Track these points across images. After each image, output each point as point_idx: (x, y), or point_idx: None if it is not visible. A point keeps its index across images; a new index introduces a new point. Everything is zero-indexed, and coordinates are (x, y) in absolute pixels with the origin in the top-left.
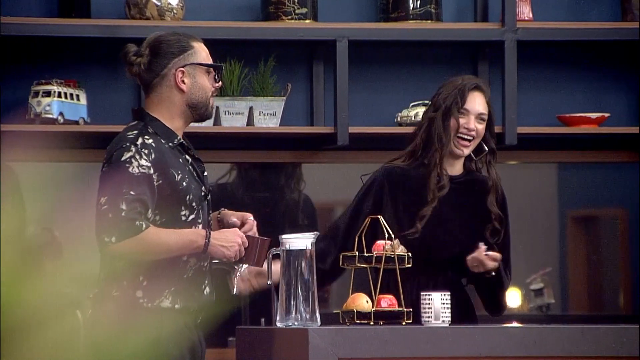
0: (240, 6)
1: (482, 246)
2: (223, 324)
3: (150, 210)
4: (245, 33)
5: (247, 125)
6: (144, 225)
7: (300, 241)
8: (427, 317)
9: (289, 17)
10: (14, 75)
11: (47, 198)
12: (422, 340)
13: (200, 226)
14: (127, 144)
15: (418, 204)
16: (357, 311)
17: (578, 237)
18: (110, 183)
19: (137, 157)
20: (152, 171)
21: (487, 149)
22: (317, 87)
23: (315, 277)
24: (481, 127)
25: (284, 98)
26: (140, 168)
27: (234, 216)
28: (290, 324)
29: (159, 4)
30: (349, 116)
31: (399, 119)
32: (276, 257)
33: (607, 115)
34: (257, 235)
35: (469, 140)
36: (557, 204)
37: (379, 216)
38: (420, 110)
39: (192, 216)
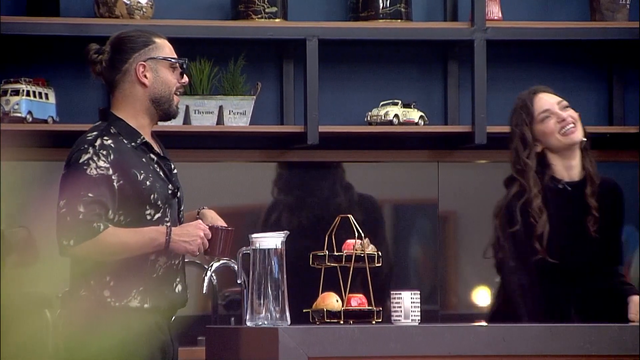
0: (210, 5)
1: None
2: (193, 323)
3: (110, 211)
4: (215, 32)
5: (217, 124)
6: (102, 227)
7: (270, 240)
8: (396, 316)
9: (259, 16)
10: None
11: (16, 197)
12: (391, 339)
13: (169, 224)
14: (85, 146)
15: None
16: (327, 310)
17: None
18: (69, 186)
19: (95, 158)
20: (110, 172)
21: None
22: (287, 86)
23: (285, 276)
24: (572, 112)
25: (254, 97)
26: (98, 170)
27: (209, 219)
28: (260, 323)
29: (128, 2)
30: (319, 115)
31: (369, 118)
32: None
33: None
34: (221, 225)
35: (571, 127)
36: None
37: (349, 215)
38: (390, 109)
39: (158, 215)
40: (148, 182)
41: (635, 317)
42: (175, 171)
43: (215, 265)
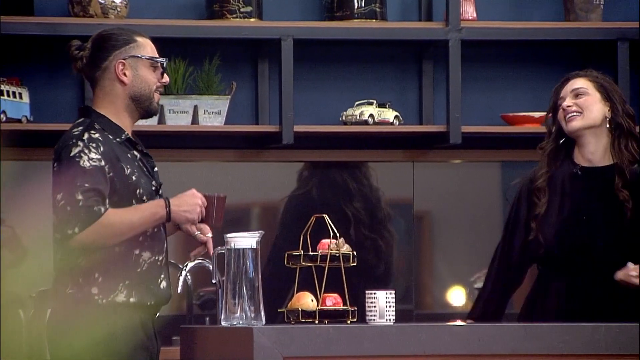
0: (185, 4)
1: (630, 265)
2: (167, 323)
3: (107, 199)
4: (190, 31)
5: (192, 123)
6: (102, 209)
7: (245, 240)
8: (371, 315)
9: (234, 15)
10: None
11: None
12: (366, 338)
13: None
14: (74, 140)
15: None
16: (301, 310)
17: None
18: (63, 179)
19: (86, 151)
20: (103, 163)
21: (614, 127)
22: (262, 86)
23: (260, 276)
24: (582, 100)
25: (229, 97)
26: (91, 161)
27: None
28: (235, 322)
29: (102, 1)
30: (294, 115)
31: (344, 118)
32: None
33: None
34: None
35: (574, 115)
36: (500, 202)
37: (324, 215)
38: (365, 109)
39: (162, 199)
40: (134, 177)
41: (633, 278)
42: (156, 169)
43: (190, 265)
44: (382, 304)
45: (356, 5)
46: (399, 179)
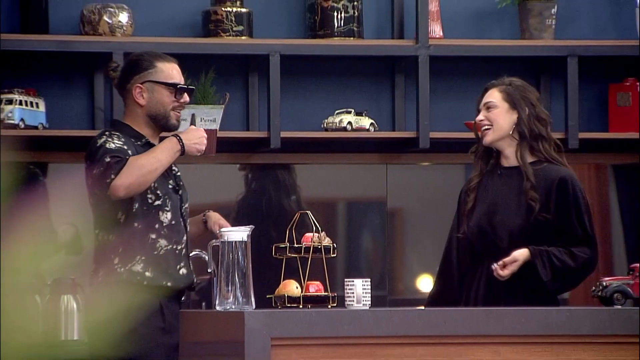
0: (184, 24)
1: (494, 265)
2: None
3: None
4: (188, 48)
5: None
6: (127, 157)
7: (237, 234)
8: (349, 301)
9: (227, 33)
10: None
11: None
12: (345, 321)
13: (169, 214)
14: (97, 138)
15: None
16: (287, 296)
17: None
18: (94, 158)
19: (110, 139)
20: (126, 147)
21: (519, 133)
22: (252, 96)
23: (250, 266)
24: (491, 113)
25: (223, 106)
26: (115, 144)
27: (217, 224)
28: (228, 307)
29: (110, 21)
30: (280, 122)
31: (325, 125)
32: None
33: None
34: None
35: (486, 130)
36: None
37: (307, 211)
38: (344, 117)
39: (158, 202)
40: None
41: (503, 270)
42: (178, 173)
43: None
44: (359, 290)
45: (336, 24)
46: (374, 179)
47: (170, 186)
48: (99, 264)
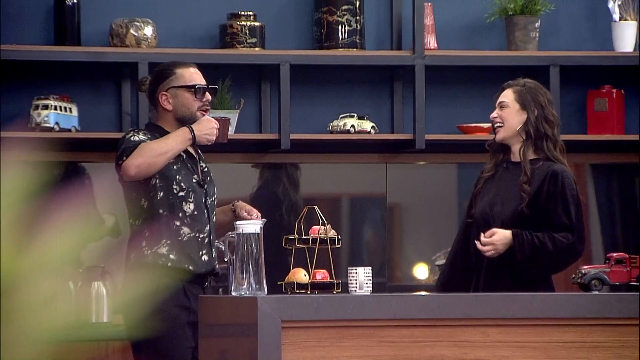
0: (203, 36)
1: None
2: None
3: None
4: (207, 58)
5: None
6: (141, 142)
7: (251, 226)
8: (352, 287)
9: (242, 45)
10: (19, 91)
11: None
12: (349, 306)
13: (192, 205)
14: (126, 133)
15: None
16: (296, 283)
17: None
18: (118, 148)
19: (136, 134)
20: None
21: (525, 132)
22: (265, 102)
23: (262, 255)
24: (503, 112)
25: (238, 111)
26: (139, 138)
27: (244, 209)
28: (242, 293)
29: (136, 34)
30: (290, 125)
31: (330, 128)
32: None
33: None
34: (222, 117)
35: (498, 127)
36: (457, 196)
37: (314, 206)
38: (348, 121)
39: (181, 193)
40: (175, 167)
41: (485, 244)
42: (205, 169)
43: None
44: (361, 278)
45: (340, 37)
46: (375, 177)
47: (194, 180)
48: (130, 249)
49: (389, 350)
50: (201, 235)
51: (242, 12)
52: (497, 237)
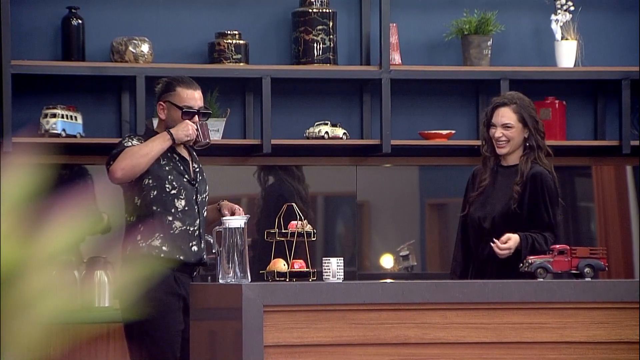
0: (193, 53)
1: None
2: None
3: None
4: (197, 72)
5: None
6: (127, 147)
7: (236, 221)
8: (326, 275)
9: (228, 60)
10: (30, 101)
11: (52, 189)
12: (323, 292)
13: (183, 201)
14: (122, 139)
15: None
16: (276, 271)
17: (433, 218)
18: (110, 154)
19: (130, 140)
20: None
21: (528, 145)
22: (249, 111)
23: (246, 247)
24: (509, 132)
25: (225, 119)
26: (132, 144)
27: (226, 208)
28: (229, 280)
29: (134, 51)
30: (271, 132)
31: (307, 134)
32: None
33: (453, 131)
34: (199, 121)
35: (503, 143)
36: (419, 195)
37: (293, 203)
38: (322, 128)
39: (173, 191)
40: (167, 167)
41: (501, 248)
42: (198, 169)
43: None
44: (334, 267)
45: (315, 54)
46: (346, 178)
47: (185, 179)
48: (127, 242)
49: (359, 331)
50: (191, 229)
51: (229, 32)
52: (513, 243)
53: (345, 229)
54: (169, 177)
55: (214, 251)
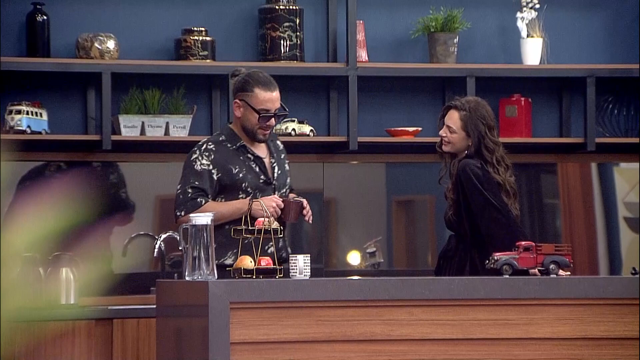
0: (160, 49)
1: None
2: (146, 278)
3: (209, 195)
4: (163, 69)
5: (165, 135)
6: (203, 202)
7: (203, 219)
8: (293, 272)
9: (195, 57)
10: None
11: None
12: (290, 289)
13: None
14: (195, 149)
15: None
16: (243, 268)
17: (399, 215)
18: (183, 174)
19: (200, 158)
20: (211, 167)
21: (466, 154)
22: (215, 108)
23: (213, 244)
24: (451, 135)
25: (191, 116)
26: (201, 166)
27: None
28: (195, 277)
29: (100, 47)
30: None
31: (274, 131)
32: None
33: (420, 129)
34: (294, 198)
35: (445, 142)
36: (386, 192)
37: (260, 200)
38: (289, 125)
39: (248, 197)
40: (241, 175)
41: None
42: (274, 166)
43: (163, 236)
44: (301, 264)
45: (282, 50)
46: (313, 175)
47: (261, 181)
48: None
49: (325, 328)
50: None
51: (195, 28)
52: None
53: (312, 226)
54: (243, 184)
55: (180, 248)
